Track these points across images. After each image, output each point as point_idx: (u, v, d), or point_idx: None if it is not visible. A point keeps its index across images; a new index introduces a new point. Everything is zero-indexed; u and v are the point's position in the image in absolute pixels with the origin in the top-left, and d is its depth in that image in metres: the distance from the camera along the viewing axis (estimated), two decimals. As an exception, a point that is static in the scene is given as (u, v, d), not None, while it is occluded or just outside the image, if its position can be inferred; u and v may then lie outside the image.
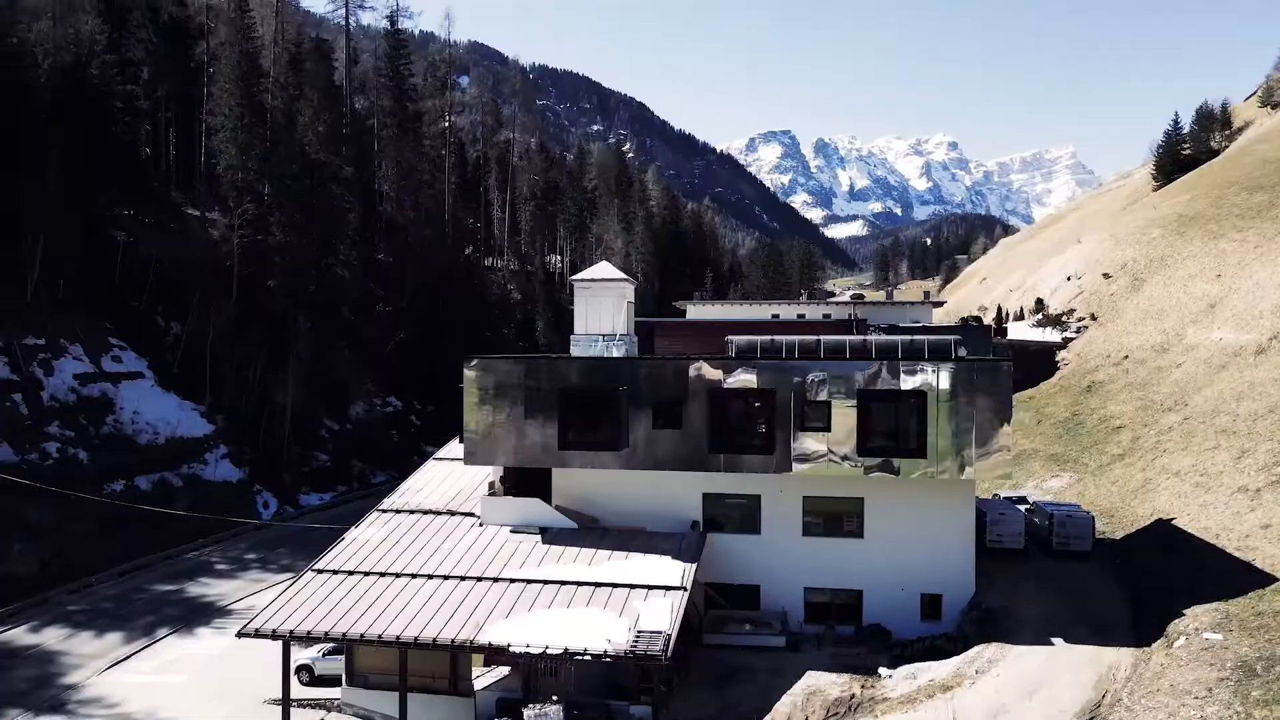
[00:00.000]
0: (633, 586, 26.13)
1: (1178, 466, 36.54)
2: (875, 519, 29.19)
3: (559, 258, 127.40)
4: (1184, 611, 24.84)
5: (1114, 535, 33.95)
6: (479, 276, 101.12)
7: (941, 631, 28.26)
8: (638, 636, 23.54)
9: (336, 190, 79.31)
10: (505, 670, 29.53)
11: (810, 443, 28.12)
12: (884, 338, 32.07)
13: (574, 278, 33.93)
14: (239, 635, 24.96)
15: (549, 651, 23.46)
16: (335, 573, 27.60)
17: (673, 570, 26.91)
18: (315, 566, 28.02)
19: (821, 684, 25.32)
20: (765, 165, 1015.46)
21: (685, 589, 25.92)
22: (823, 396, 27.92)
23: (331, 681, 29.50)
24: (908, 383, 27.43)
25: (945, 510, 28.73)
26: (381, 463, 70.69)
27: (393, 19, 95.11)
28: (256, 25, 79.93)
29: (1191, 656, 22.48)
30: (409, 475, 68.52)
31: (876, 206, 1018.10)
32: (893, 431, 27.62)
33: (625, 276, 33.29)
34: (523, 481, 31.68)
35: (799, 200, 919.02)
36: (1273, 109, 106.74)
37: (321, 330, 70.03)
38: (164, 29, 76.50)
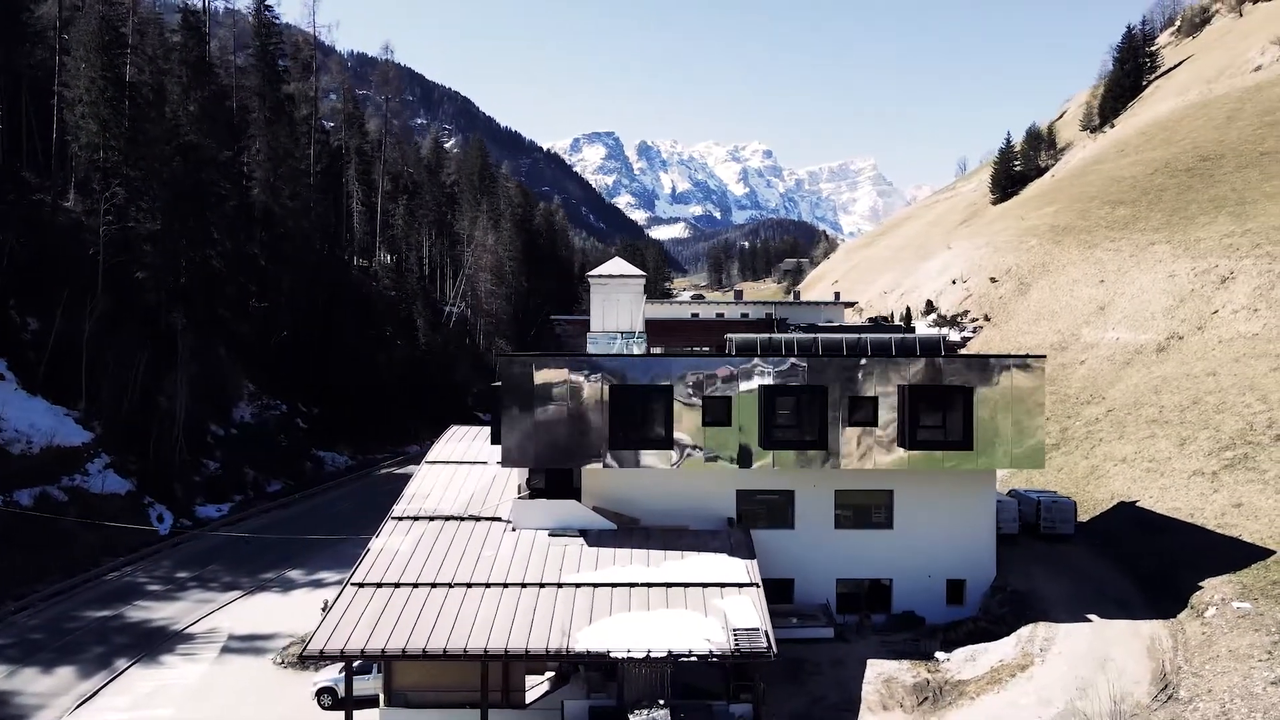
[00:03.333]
0: (705, 585, 25.87)
1: (1121, 454, 40.09)
2: (904, 510, 30.27)
3: (414, 254, 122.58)
4: (1200, 584, 27.32)
5: (1079, 518, 36.69)
6: (359, 273, 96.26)
7: (966, 615, 29.73)
8: (736, 634, 23.33)
9: (212, 175, 73.36)
10: (544, 680, 28.53)
11: (857, 436, 28.84)
12: (879, 336, 33.34)
13: (590, 274, 33.09)
14: (300, 658, 22.76)
15: (652, 655, 22.83)
16: (379, 585, 25.63)
17: (735, 567, 26.85)
18: (353, 580, 25.91)
19: (889, 670, 26.06)
20: (590, 165, 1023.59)
21: (758, 585, 25.95)
22: (870, 392, 28.72)
23: (358, 703, 27.34)
24: (953, 379, 28.66)
25: (970, 499, 30.23)
26: (273, 469, 65.90)
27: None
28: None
29: (1230, 625, 24.79)
30: (304, 482, 65.58)
31: (697, 209, 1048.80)
32: (939, 425, 28.72)
33: (640, 272, 32.79)
34: (547, 483, 30.62)
35: (623, 201, 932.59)
36: (1091, 132, 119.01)
37: (198, 327, 64.55)
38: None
